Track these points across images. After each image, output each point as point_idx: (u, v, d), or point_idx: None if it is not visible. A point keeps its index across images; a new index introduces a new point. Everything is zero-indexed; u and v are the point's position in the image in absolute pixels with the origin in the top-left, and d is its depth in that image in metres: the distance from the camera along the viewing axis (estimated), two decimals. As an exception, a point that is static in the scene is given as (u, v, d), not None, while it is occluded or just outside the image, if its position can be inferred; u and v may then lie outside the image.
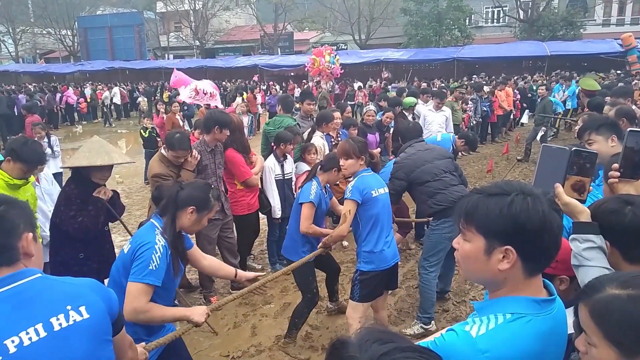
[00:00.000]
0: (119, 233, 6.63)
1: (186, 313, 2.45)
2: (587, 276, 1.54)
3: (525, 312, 1.19)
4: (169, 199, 2.49)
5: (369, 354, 0.74)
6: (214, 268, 2.90)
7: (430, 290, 4.05)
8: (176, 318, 2.46)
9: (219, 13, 38.05)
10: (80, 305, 1.49)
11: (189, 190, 2.51)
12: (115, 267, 2.49)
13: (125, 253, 2.43)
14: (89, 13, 41.57)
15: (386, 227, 3.43)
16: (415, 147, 4.28)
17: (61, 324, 1.44)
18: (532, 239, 1.17)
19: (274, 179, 5.14)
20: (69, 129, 19.94)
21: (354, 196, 3.29)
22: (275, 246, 5.43)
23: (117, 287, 2.37)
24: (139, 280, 2.28)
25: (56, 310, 1.45)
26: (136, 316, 2.29)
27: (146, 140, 9.21)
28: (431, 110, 8.03)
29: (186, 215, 2.47)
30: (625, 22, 31.03)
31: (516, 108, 14.25)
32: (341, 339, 0.82)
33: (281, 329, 4.15)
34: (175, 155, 4.24)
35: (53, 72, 33.87)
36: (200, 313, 2.43)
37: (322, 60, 16.45)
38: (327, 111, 6.13)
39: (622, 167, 1.75)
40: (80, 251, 3.45)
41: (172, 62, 34.79)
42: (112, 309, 1.59)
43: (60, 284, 1.54)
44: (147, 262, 2.30)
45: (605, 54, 21.40)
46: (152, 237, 2.38)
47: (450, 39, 30.89)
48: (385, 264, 3.39)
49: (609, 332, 1.05)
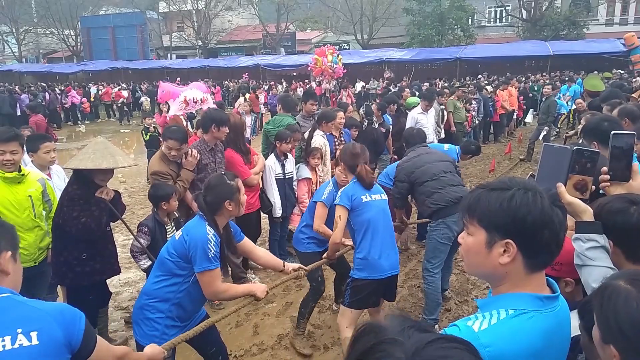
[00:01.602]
0: (122, 232, 6.63)
1: (252, 289, 2.78)
2: (590, 276, 1.54)
3: (528, 308, 1.19)
4: (201, 209, 2.69)
5: (414, 341, 0.72)
6: (265, 259, 3.12)
7: (435, 292, 4.05)
8: (245, 293, 2.78)
9: (221, 13, 38.07)
10: (32, 331, 1.47)
11: (211, 193, 2.68)
12: (165, 248, 2.72)
13: (176, 240, 2.66)
14: (91, 13, 41.63)
15: (383, 234, 3.29)
16: (417, 151, 4.37)
17: (5, 345, 1.43)
18: (532, 234, 1.18)
19: (275, 178, 5.14)
20: (72, 128, 20.00)
21: (342, 202, 3.31)
22: (278, 245, 5.44)
23: (163, 269, 2.65)
24: (205, 268, 2.55)
25: (5, 332, 1.44)
26: (217, 296, 2.76)
27: (148, 140, 9.23)
28: (422, 113, 7.90)
29: (226, 210, 2.68)
30: (628, 21, 30.90)
31: (519, 108, 14.24)
32: (373, 323, 0.79)
33: (283, 328, 4.16)
34: (167, 146, 4.21)
35: (56, 72, 33.95)
36: (262, 290, 2.76)
37: (324, 60, 16.44)
38: (328, 110, 6.12)
39: (611, 170, 1.74)
40: (83, 251, 3.45)
41: (175, 61, 34.87)
42: (73, 340, 1.56)
43: (22, 307, 1.53)
44: (206, 252, 2.54)
45: (608, 53, 21.32)
46: (203, 229, 2.60)
47: (452, 38, 30.84)
48: (379, 273, 3.25)
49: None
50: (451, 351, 0.72)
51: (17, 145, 3.39)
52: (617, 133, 1.74)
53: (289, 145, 5.08)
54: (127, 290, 5.04)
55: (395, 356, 0.70)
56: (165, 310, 2.62)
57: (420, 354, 0.70)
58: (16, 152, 3.38)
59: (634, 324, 1.00)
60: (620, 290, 1.06)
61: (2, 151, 3.34)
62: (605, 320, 1.07)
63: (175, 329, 2.63)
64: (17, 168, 3.46)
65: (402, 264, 4.76)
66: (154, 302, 2.62)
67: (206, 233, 2.57)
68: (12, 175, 3.39)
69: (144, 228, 3.82)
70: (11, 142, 3.36)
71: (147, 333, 2.58)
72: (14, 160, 3.38)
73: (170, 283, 2.62)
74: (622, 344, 1.03)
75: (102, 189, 3.41)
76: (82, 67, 34.06)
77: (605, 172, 1.75)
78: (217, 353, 2.99)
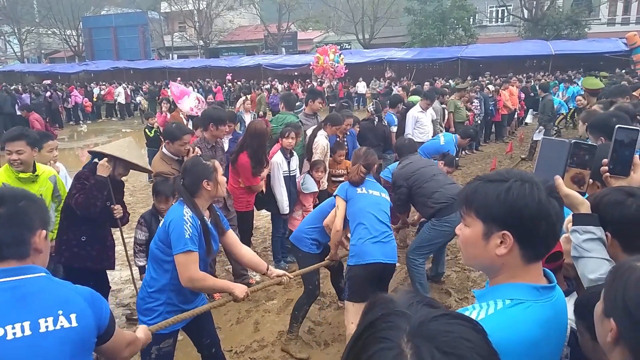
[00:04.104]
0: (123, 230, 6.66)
1: (231, 286, 2.72)
2: (586, 268, 1.55)
3: (525, 298, 1.19)
4: (180, 193, 2.67)
5: (420, 314, 0.73)
6: (249, 257, 2.99)
7: (419, 273, 4.29)
8: (223, 289, 2.73)
9: (222, 13, 38.10)
10: (71, 313, 1.51)
11: (188, 175, 2.67)
12: (153, 242, 2.71)
13: (160, 227, 2.67)
14: (93, 13, 41.70)
15: (373, 223, 3.41)
16: (410, 158, 4.62)
17: (48, 326, 1.46)
18: (529, 225, 1.18)
19: (282, 175, 5.11)
20: (74, 128, 20.05)
21: (338, 192, 3.60)
22: (280, 243, 5.43)
23: (154, 260, 2.66)
24: (180, 250, 2.49)
25: (47, 312, 1.47)
26: (192, 284, 2.55)
27: (151, 139, 9.32)
28: (421, 112, 7.91)
29: (205, 191, 2.65)
30: (630, 21, 30.84)
31: (521, 107, 14.23)
32: (384, 296, 0.80)
33: (284, 325, 4.17)
34: (183, 142, 4.13)
35: (58, 72, 34.00)
36: (242, 290, 2.69)
37: (326, 59, 16.47)
38: (336, 114, 6.04)
39: (612, 164, 1.75)
40: (83, 234, 3.56)
41: (177, 61, 34.88)
42: (101, 322, 1.61)
43: (59, 288, 1.56)
44: (182, 232, 2.50)
45: (610, 53, 21.28)
46: (179, 211, 2.58)
47: (454, 38, 30.78)
48: (368, 257, 3.33)
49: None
50: (456, 327, 0.73)
51: (24, 144, 3.42)
52: (622, 127, 1.75)
53: (289, 140, 5.06)
54: (129, 287, 5.05)
55: (400, 327, 0.71)
56: (164, 298, 2.65)
57: (426, 326, 0.71)
58: (22, 152, 3.41)
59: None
60: (635, 267, 1.06)
61: (9, 151, 3.40)
62: (613, 293, 1.07)
63: (177, 313, 2.65)
64: (31, 167, 3.51)
65: (402, 262, 4.78)
66: (152, 292, 2.67)
67: (182, 214, 2.55)
68: (26, 176, 3.46)
69: (142, 220, 3.93)
70: (16, 142, 3.40)
71: (149, 322, 2.61)
72: (21, 159, 3.41)
73: (163, 271, 2.64)
74: (622, 319, 1.03)
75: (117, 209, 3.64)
76: (84, 67, 34.11)
77: (605, 164, 1.76)
78: (211, 344, 3.01)
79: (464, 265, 5.24)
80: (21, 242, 1.52)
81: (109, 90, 23.27)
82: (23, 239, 1.52)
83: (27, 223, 1.54)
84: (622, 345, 1.04)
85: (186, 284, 2.54)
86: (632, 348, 1.01)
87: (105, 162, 3.44)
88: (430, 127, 7.84)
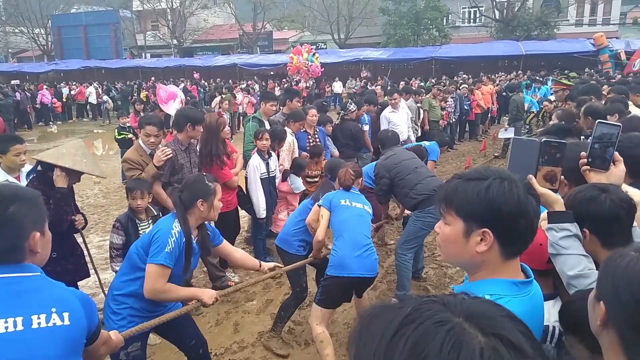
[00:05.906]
0: (97, 233, 6.54)
1: (197, 293, 2.71)
2: (565, 264, 1.58)
3: (504, 294, 1.21)
4: (175, 205, 2.66)
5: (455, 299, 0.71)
6: (243, 260, 3.15)
7: (407, 269, 4.39)
8: (189, 297, 2.70)
9: (197, 12, 37.64)
10: (64, 311, 1.51)
11: (187, 189, 2.68)
12: (134, 245, 2.70)
13: (145, 235, 2.67)
14: (62, 11, 40.58)
15: (355, 235, 3.42)
16: (394, 150, 4.70)
17: (40, 323, 1.46)
18: (508, 222, 1.20)
19: (260, 178, 5.06)
20: (44, 129, 19.51)
21: (322, 203, 3.61)
22: (262, 244, 5.39)
23: (130, 264, 2.64)
24: (155, 261, 2.49)
25: (40, 309, 1.48)
26: (155, 295, 2.55)
27: (120, 141, 8.99)
28: (393, 112, 7.79)
29: (198, 210, 2.65)
30: (597, 22, 31.78)
31: (494, 106, 14.50)
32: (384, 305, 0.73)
33: (263, 326, 4.15)
34: (146, 133, 4.15)
35: (26, 72, 32.97)
36: (210, 295, 2.66)
37: (300, 59, 16.45)
38: (297, 110, 6.06)
39: (592, 158, 1.78)
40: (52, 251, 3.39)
41: (150, 61, 34.28)
42: (92, 324, 1.63)
43: (54, 287, 1.57)
44: (164, 245, 2.50)
45: (579, 53, 21.83)
46: (169, 223, 2.58)
47: (428, 38, 31.13)
48: (346, 271, 3.33)
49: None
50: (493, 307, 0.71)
51: None
52: (602, 122, 1.79)
53: (263, 141, 5.02)
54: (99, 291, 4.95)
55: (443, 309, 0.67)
56: (131, 302, 2.62)
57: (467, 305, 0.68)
58: None
59: (628, 282, 1.02)
60: (627, 255, 1.08)
61: None
62: (604, 277, 1.09)
63: (141, 319, 2.62)
64: None
65: (381, 260, 4.81)
66: (119, 296, 2.64)
67: (171, 227, 2.56)
68: None
69: (117, 223, 3.78)
70: None
71: (112, 326, 2.57)
72: None
73: (135, 277, 2.61)
74: (611, 301, 1.05)
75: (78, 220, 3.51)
76: (53, 67, 33.18)
77: (584, 157, 1.79)
78: (198, 345, 2.99)
79: (441, 262, 5.31)
80: (14, 250, 1.51)
81: (79, 90, 22.72)
82: (16, 247, 1.51)
83: (18, 230, 1.50)
84: (609, 327, 1.06)
85: (148, 294, 2.53)
86: (619, 329, 1.04)
87: (60, 172, 3.23)
88: (404, 127, 7.81)
